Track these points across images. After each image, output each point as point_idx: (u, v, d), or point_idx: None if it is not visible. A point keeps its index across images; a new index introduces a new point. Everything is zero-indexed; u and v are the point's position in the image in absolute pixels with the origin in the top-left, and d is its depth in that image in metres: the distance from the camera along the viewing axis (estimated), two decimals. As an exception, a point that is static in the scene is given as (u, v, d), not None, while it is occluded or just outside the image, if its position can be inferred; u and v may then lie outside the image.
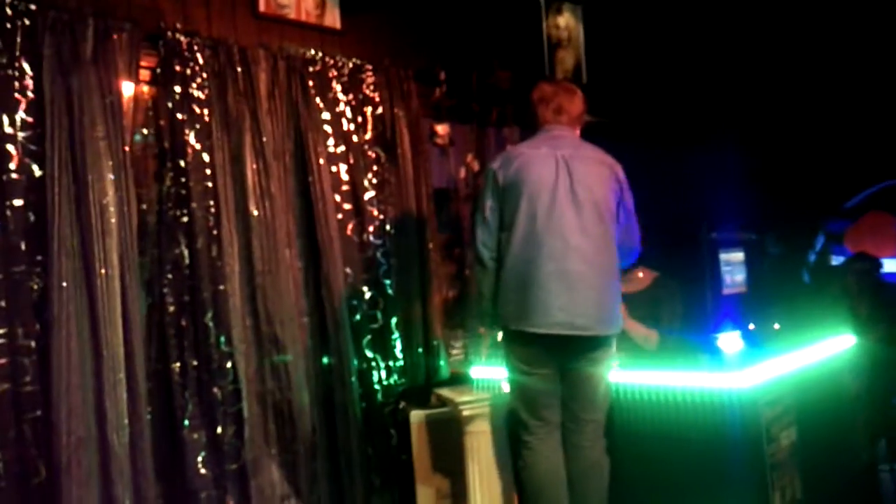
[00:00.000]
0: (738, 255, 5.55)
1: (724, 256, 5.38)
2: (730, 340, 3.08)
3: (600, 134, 4.86)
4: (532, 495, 2.62)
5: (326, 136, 3.28)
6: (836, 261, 5.28)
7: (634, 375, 2.90)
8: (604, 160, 2.66)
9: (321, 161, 3.21)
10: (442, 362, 3.48)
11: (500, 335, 3.36)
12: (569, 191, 2.51)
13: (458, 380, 3.31)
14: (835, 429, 3.30)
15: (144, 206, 2.76)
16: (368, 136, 3.44)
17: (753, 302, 5.34)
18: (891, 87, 5.26)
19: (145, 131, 2.83)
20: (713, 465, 2.67)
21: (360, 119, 3.41)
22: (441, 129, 3.73)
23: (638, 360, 2.92)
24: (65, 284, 2.41)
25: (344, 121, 3.35)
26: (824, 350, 3.36)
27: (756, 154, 5.64)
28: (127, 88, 2.73)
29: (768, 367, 2.84)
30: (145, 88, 2.85)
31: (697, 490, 2.68)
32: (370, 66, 3.46)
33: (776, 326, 4.14)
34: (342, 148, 3.32)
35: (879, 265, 4.51)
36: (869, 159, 5.50)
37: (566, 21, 4.81)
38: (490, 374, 3.18)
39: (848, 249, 4.90)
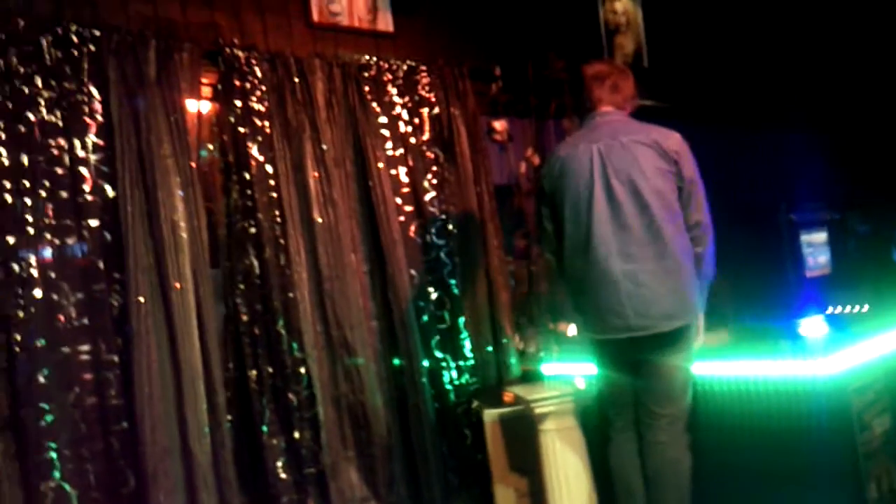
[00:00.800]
0: (821, 236, 5.32)
1: (805, 238, 5.16)
2: (814, 325, 2.94)
3: (665, 118, 4.76)
4: (614, 489, 2.66)
5: (384, 139, 3.30)
6: (927, 235, 4.98)
7: (717, 366, 2.81)
8: (648, 138, 2.49)
9: (381, 165, 3.23)
10: (513, 360, 3.45)
11: (574, 330, 3.32)
12: (604, 188, 2.45)
13: (529, 377, 3.27)
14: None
15: (213, 220, 2.83)
16: (426, 136, 3.44)
17: (839, 284, 5.10)
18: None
19: (210, 146, 2.91)
20: (804, 456, 2.56)
21: (416, 120, 3.41)
22: (499, 125, 3.69)
23: (721, 350, 2.82)
24: (142, 300, 2.49)
25: (401, 123, 3.36)
26: (919, 330, 3.17)
27: (834, 130, 5.39)
28: (190, 106, 2.81)
29: (856, 351, 2.70)
30: (208, 105, 2.92)
31: (789, 483, 2.57)
32: (424, 68, 3.46)
33: (865, 308, 3.94)
34: (401, 150, 3.33)
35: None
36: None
37: (624, 5, 4.69)
38: (562, 371, 3.13)
39: (940, 223, 4.61)
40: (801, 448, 2.57)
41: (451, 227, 3.40)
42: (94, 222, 2.49)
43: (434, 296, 3.31)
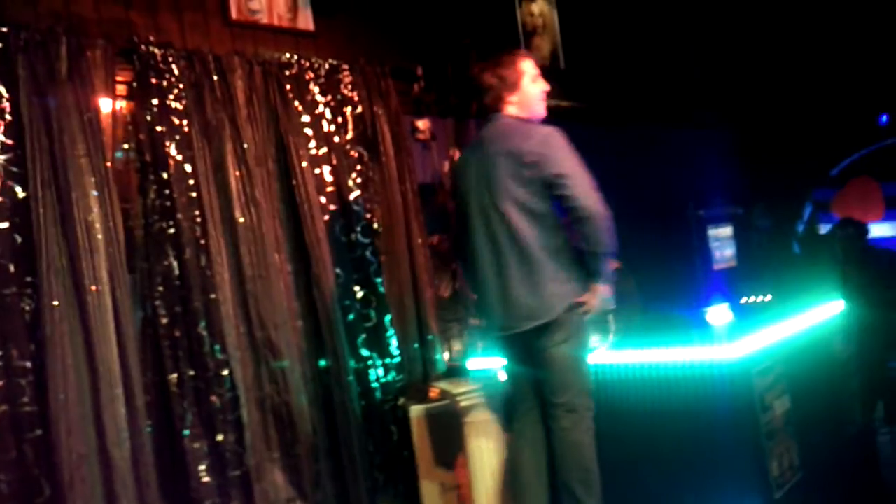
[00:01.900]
0: (727, 231, 5.61)
1: (712, 232, 5.43)
2: (719, 313, 3.12)
3: (580, 119, 4.92)
4: (510, 479, 2.75)
5: (307, 138, 3.29)
6: (825, 229, 5.32)
7: (626, 354, 2.94)
8: (508, 147, 2.54)
9: (304, 164, 3.23)
10: (438, 356, 3.51)
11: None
12: (476, 198, 2.60)
13: (455, 373, 3.34)
14: (828, 394, 3.34)
15: (130, 221, 2.76)
16: (350, 135, 3.45)
17: (744, 275, 5.39)
18: (868, 56, 5.29)
19: (126, 146, 2.84)
20: (710, 437, 2.71)
21: (340, 119, 3.42)
22: (422, 124, 3.74)
23: (629, 338, 2.95)
24: (56, 304, 2.42)
25: (324, 122, 3.37)
26: (814, 317, 3.40)
27: (739, 129, 5.69)
28: (104, 104, 2.74)
29: (758, 337, 2.88)
30: (122, 103, 2.85)
31: (696, 463, 2.71)
32: (346, 67, 3.47)
33: (768, 298, 4.18)
34: (324, 149, 3.34)
35: (866, 230, 4.56)
36: (851, 126, 5.54)
37: (540, 8, 4.82)
38: (486, 365, 3.21)
39: (835, 216, 4.94)
40: (707, 430, 2.71)
41: (375, 225, 3.43)
42: (3, 224, 2.40)
43: (360, 294, 3.33)
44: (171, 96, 2.91)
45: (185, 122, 2.92)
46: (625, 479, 2.84)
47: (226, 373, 2.84)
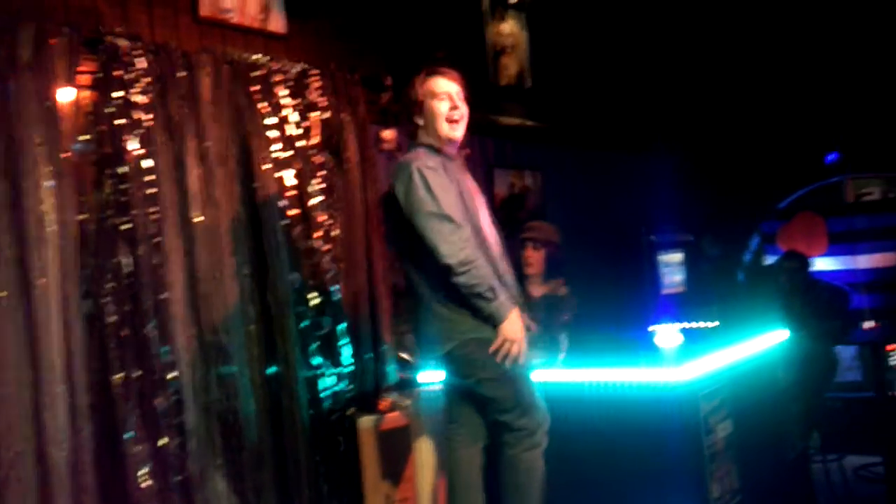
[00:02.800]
0: (677, 256, 5.74)
1: (662, 257, 5.55)
2: (668, 337, 3.19)
3: (542, 139, 5.01)
4: (449, 494, 2.73)
5: (271, 141, 3.26)
6: (770, 260, 5.49)
7: (576, 373, 2.99)
8: (392, 177, 2.51)
9: (266, 166, 3.20)
10: (390, 367, 3.50)
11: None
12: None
13: (406, 384, 3.34)
14: (769, 421, 3.44)
15: (84, 214, 2.69)
16: (315, 141, 3.43)
17: (692, 301, 5.52)
18: (819, 96, 5.51)
19: (84, 137, 2.77)
20: (655, 457, 2.76)
21: (305, 124, 3.40)
22: (388, 134, 3.74)
23: (580, 358, 3.00)
24: (2, 294, 2.34)
25: (289, 126, 3.34)
26: (758, 345, 3.50)
27: (693, 159, 5.84)
28: (65, 94, 2.67)
29: (705, 361, 2.95)
30: (84, 94, 2.79)
31: (641, 483, 2.77)
32: (316, 71, 3.46)
33: (714, 324, 4.29)
34: (288, 153, 3.31)
35: (809, 263, 4.72)
36: (800, 162, 5.74)
37: (510, 28, 4.89)
38: (437, 378, 3.21)
39: (780, 249, 5.10)
40: (653, 450, 2.77)
41: (335, 232, 3.41)
42: (-51, 211, 2.32)
43: (315, 301, 3.30)
44: (135, 90, 2.85)
45: (147, 116, 2.86)
46: (572, 496, 2.88)
47: (173, 375, 2.78)
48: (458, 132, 2.59)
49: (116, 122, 2.80)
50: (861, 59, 5.36)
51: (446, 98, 2.57)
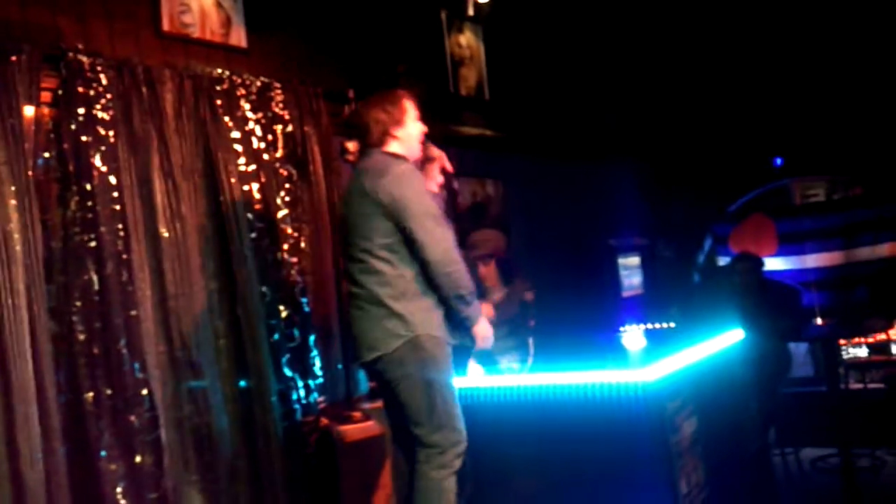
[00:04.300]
0: (634, 260, 5.89)
1: (621, 261, 5.69)
2: (634, 339, 3.28)
3: (502, 148, 5.09)
4: None
5: (237, 154, 3.27)
6: (723, 261, 5.67)
7: (543, 376, 3.05)
8: (367, 184, 2.53)
9: (232, 180, 3.20)
10: (361, 377, 3.52)
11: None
12: (345, 234, 2.65)
13: (377, 393, 3.35)
14: (730, 417, 3.56)
15: (49, 233, 2.66)
16: (279, 153, 3.45)
17: (650, 302, 5.67)
18: (765, 103, 5.72)
19: (47, 154, 2.74)
20: (624, 457, 2.82)
21: (270, 137, 3.41)
22: (352, 145, 3.73)
23: (547, 361, 3.06)
24: (-33, 316, 2.31)
25: (254, 139, 3.35)
26: (717, 344, 3.62)
27: (647, 166, 6.00)
28: (27, 111, 2.64)
29: (668, 362, 3.04)
30: (46, 111, 2.76)
31: (611, 481, 2.83)
32: (278, 85, 3.48)
33: (672, 325, 4.41)
34: (253, 166, 3.32)
35: (761, 264, 4.88)
36: (748, 166, 5.95)
37: (468, 40, 4.97)
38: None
39: (732, 250, 5.27)
40: (622, 449, 2.83)
41: (303, 244, 3.42)
42: (-88, 232, 2.28)
43: (285, 314, 3.31)
44: (98, 106, 2.83)
45: (111, 132, 2.85)
46: (542, 498, 2.94)
47: (145, 392, 2.76)
48: (419, 151, 2.76)
49: (80, 138, 2.77)
50: (801, 68, 5.59)
51: (418, 121, 2.75)
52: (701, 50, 5.77)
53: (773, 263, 5.39)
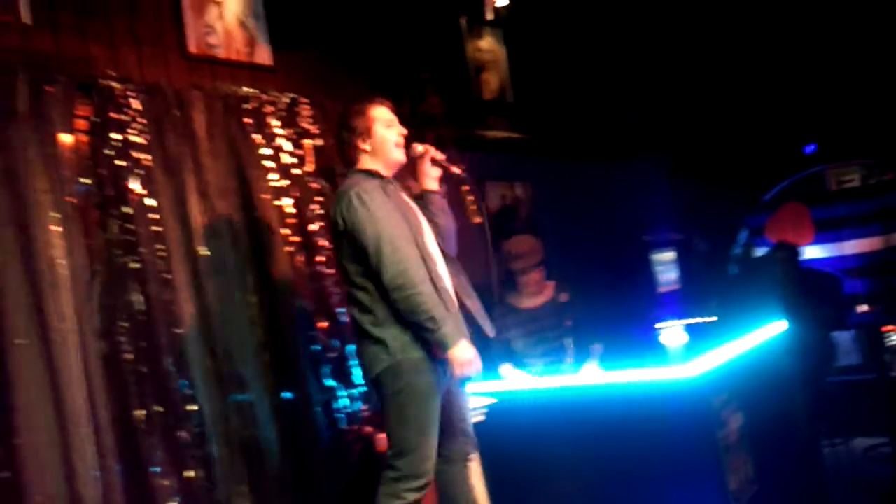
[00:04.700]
0: (669, 255, 5.83)
1: (656, 257, 5.64)
2: (674, 335, 3.25)
3: (527, 151, 5.08)
4: None
5: (268, 171, 3.31)
6: (760, 252, 5.59)
7: (588, 377, 3.04)
8: (331, 215, 2.58)
9: (265, 196, 3.25)
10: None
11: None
12: None
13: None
14: (777, 410, 3.51)
15: (93, 256, 2.72)
16: (309, 168, 3.49)
17: (687, 297, 5.60)
18: (796, 90, 5.63)
19: (86, 181, 2.80)
20: (671, 454, 2.81)
21: (300, 152, 3.46)
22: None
23: (591, 363, 3.05)
24: (19, 342, 2.36)
25: (284, 155, 3.39)
26: (759, 337, 3.58)
27: (678, 159, 5.94)
28: (65, 139, 2.71)
29: (711, 356, 3.01)
30: (83, 138, 2.82)
31: (658, 481, 2.81)
32: (305, 100, 3.52)
33: (712, 319, 4.36)
34: (285, 182, 3.36)
35: (798, 253, 4.81)
36: (780, 154, 5.86)
37: (488, 44, 4.98)
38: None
39: (769, 240, 5.19)
40: (668, 447, 2.82)
41: (337, 256, 3.45)
42: (-37, 262, 2.35)
43: (323, 325, 3.34)
44: (132, 130, 2.89)
45: (146, 156, 2.91)
46: (590, 496, 2.92)
47: (193, 408, 2.80)
48: (402, 154, 2.74)
49: (116, 163, 2.83)
50: (831, 52, 5.49)
51: (395, 125, 2.71)
52: (726, 39, 5.70)
53: (811, 252, 5.31)
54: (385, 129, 2.68)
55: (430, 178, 2.81)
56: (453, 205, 2.93)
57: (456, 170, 2.81)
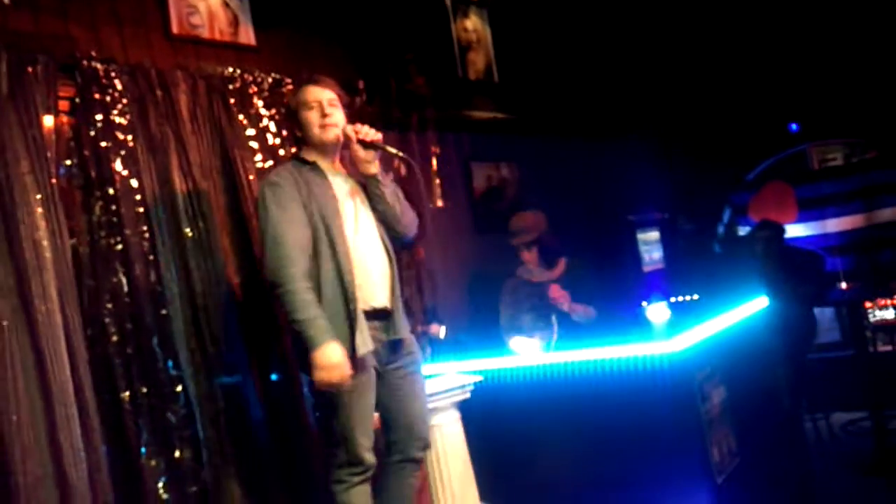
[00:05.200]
0: (654, 235, 5.87)
1: (641, 236, 5.68)
2: (658, 311, 3.29)
3: (514, 130, 5.09)
4: None
5: (253, 151, 3.30)
6: (743, 231, 5.63)
7: (574, 353, 3.07)
8: None
9: (250, 177, 3.24)
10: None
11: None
12: None
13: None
14: (759, 384, 3.57)
15: (76, 238, 2.72)
16: (294, 149, 3.47)
17: (672, 276, 5.66)
18: (779, 69, 5.66)
19: (69, 162, 2.79)
20: (655, 428, 2.87)
21: (284, 132, 3.44)
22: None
23: (578, 339, 3.09)
24: (5, 324, 2.36)
25: (269, 135, 3.38)
26: (742, 313, 3.62)
27: (662, 138, 5.97)
28: (47, 121, 2.69)
29: (694, 332, 3.06)
30: (65, 119, 2.81)
31: (643, 454, 2.86)
32: (289, 80, 3.50)
33: (695, 297, 4.41)
34: (270, 162, 3.35)
35: (782, 231, 4.86)
36: (763, 133, 5.90)
37: (474, 24, 4.97)
38: (439, 370, 3.28)
39: (752, 219, 5.24)
40: (653, 421, 2.88)
41: (323, 236, 3.45)
42: (-54, 244, 2.34)
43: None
44: (115, 111, 2.88)
45: (129, 137, 2.89)
46: (577, 470, 2.97)
47: (179, 388, 2.81)
48: (330, 135, 2.64)
49: (100, 144, 2.82)
50: (814, 31, 5.52)
51: (316, 107, 2.64)
52: (710, 18, 5.71)
53: (794, 230, 5.36)
54: (307, 111, 2.64)
55: (365, 161, 2.64)
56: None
57: (392, 150, 2.71)
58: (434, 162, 4.30)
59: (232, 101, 3.26)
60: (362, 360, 2.46)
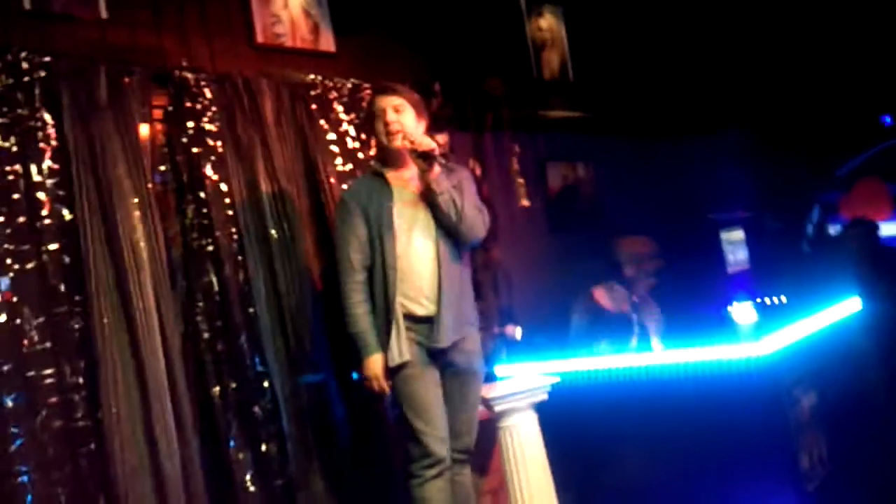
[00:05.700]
0: (738, 234, 5.68)
1: (724, 236, 5.51)
2: (744, 313, 3.20)
3: (592, 130, 5.03)
4: None
5: (333, 155, 3.38)
6: (833, 229, 5.40)
7: (658, 356, 3.02)
8: None
9: (332, 180, 3.32)
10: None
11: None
12: None
13: (487, 378, 3.40)
14: (851, 388, 3.41)
15: (170, 240, 2.85)
16: (373, 152, 3.54)
17: (758, 277, 5.46)
18: (870, 60, 5.40)
19: (163, 168, 2.93)
20: (741, 434, 2.78)
21: (363, 136, 3.51)
22: (440, 138, 3.82)
23: (664, 342, 3.03)
24: (105, 321, 2.50)
25: (348, 139, 3.46)
26: (834, 314, 3.48)
27: (747, 134, 5.78)
28: (142, 129, 2.84)
29: (782, 335, 2.96)
30: (159, 127, 2.95)
31: (730, 459, 2.79)
32: (367, 85, 3.57)
33: (783, 299, 4.25)
34: (350, 166, 3.43)
35: (876, 228, 4.64)
36: (856, 128, 5.64)
37: (548, 23, 4.94)
38: (513, 371, 3.28)
39: (844, 217, 5.02)
40: (740, 426, 2.79)
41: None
42: (52, 245, 2.49)
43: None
44: (205, 119, 3.00)
45: (218, 143, 3.01)
46: (658, 476, 2.91)
47: (266, 384, 2.91)
48: (395, 142, 2.70)
49: (191, 150, 2.95)
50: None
51: (381, 115, 2.74)
52: (798, 9, 5.50)
53: (888, 228, 5.11)
54: (375, 121, 2.76)
55: (420, 170, 2.67)
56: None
57: (442, 161, 2.69)
58: (515, 162, 4.30)
59: (313, 106, 3.35)
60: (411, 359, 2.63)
